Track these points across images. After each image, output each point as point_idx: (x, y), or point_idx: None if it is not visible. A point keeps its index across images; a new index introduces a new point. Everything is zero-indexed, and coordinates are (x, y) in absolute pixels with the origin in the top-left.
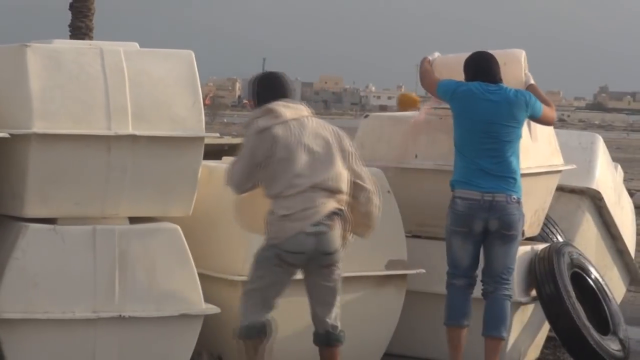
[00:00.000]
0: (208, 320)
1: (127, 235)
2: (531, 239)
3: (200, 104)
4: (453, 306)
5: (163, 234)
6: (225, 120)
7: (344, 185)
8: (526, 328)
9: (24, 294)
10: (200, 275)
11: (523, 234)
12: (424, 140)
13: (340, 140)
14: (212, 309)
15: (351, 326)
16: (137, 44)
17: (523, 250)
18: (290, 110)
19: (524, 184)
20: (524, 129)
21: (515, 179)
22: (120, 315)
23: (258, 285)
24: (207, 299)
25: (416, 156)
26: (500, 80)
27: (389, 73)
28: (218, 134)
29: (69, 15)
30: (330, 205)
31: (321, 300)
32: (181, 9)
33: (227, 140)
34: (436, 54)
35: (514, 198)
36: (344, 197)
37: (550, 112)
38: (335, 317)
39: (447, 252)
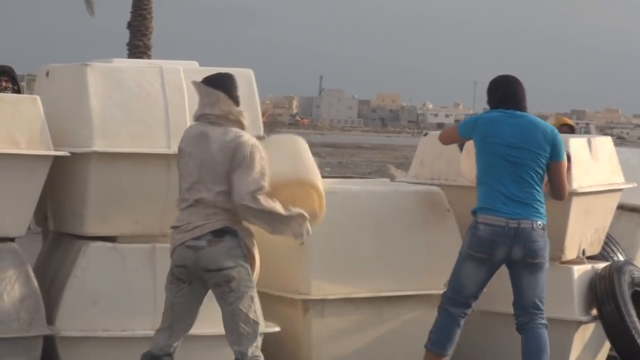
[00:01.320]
0: (268, 337)
1: None
2: (592, 258)
3: (259, 122)
4: (443, 333)
5: None
6: None
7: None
8: (587, 347)
9: (84, 311)
10: (261, 294)
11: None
12: None
13: (237, 154)
14: (272, 327)
15: (413, 344)
16: (196, 63)
17: (583, 269)
18: (203, 109)
19: (585, 203)
20: (585, 146)
21: (540, 205)
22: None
23: (165, 308)
24: (267, 316)
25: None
26: (525, 109)
27: (446, 89)
28: None
29: (127, 34)
30: (222, 221)
31: (225, 326)
32: (238, 28)
33: None
34: None
35: (539, 224)
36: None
37: (566, 183)
38: (243, 339)
39: (454, 275)
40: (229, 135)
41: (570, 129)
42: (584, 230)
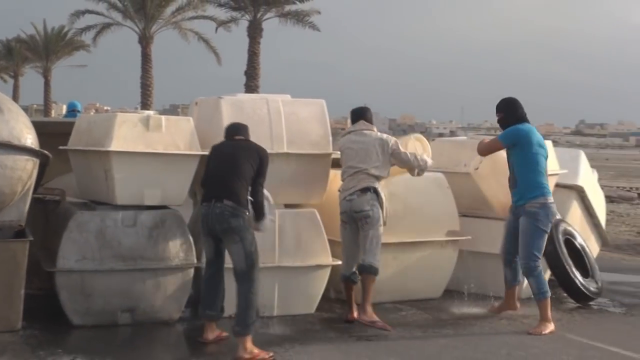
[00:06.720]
0: (334, 269)
1: (283, 216)
2: None
3: (329, 135)
4: (544, 281)
5: (305, 215)
6: None
7: (378, 171)
8: None
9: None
10: (330, 241)
11: None
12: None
13: (383, 144)
14: (337, 262)
15: (425, 272)
16: (289, 95)
17: None
18: (355, 126)
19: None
20: (552, 149)
21: None
22: (278, 266)
23: (342, 245)
24: (334, 255)
25: (465, 165)
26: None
27: (444, 107)
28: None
29: (244, 79)
30: (364, 182)
31: (360, 245)
32: (316, 76)
33: None
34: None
35: None
36: (380, 177)
37: None
38: (367, 254)
39: (540, 246)
40: (378, 135)
41: None
42: None
